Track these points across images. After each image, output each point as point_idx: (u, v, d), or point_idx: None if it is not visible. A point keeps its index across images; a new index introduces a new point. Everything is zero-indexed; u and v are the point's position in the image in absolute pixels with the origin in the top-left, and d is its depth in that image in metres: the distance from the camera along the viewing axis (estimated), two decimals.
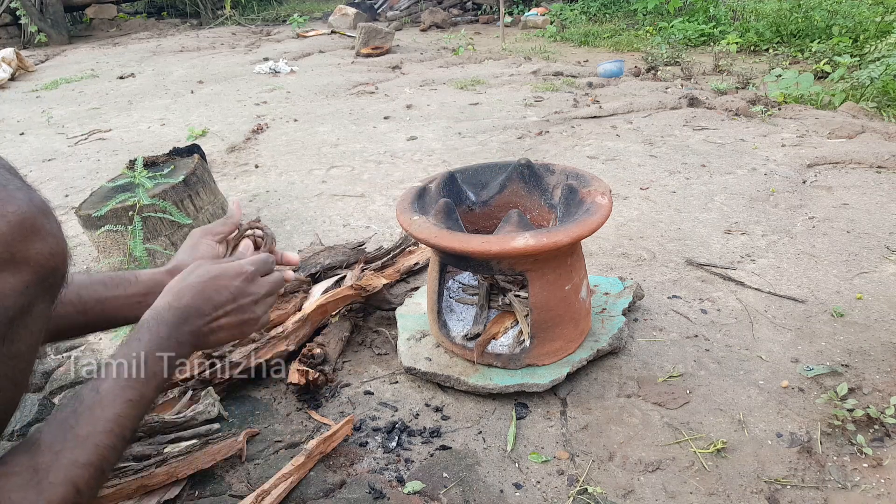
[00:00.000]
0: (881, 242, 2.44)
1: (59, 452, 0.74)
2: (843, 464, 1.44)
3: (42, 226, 0.67)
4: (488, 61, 6.67)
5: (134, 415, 0.82)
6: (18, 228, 0.64)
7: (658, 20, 8.10)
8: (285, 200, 3.20)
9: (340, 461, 1.48)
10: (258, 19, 11.19)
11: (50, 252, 0.68)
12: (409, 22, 9.96)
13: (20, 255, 0.65)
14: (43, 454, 0.73)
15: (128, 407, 0.81)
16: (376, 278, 2.03)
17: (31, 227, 0.66)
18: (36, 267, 0.66)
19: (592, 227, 1.56)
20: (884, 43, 4.97)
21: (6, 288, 0.64)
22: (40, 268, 0.67)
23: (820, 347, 1.84)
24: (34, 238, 0.66)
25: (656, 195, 3.00)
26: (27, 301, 0.66)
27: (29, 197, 0.67)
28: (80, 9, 10.94)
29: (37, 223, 0.66)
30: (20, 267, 0.65)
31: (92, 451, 0.76)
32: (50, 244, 0.68)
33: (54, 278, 0.70)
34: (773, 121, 4.07)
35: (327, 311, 1.94)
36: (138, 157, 2.44)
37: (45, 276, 0.68)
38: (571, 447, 1.53)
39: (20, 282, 0.65)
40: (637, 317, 2.03)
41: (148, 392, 0.85)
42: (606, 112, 4.40)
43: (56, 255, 0.69)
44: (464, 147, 3.86)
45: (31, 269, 0.66)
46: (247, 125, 4.60)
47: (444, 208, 1.69)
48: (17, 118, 5.30)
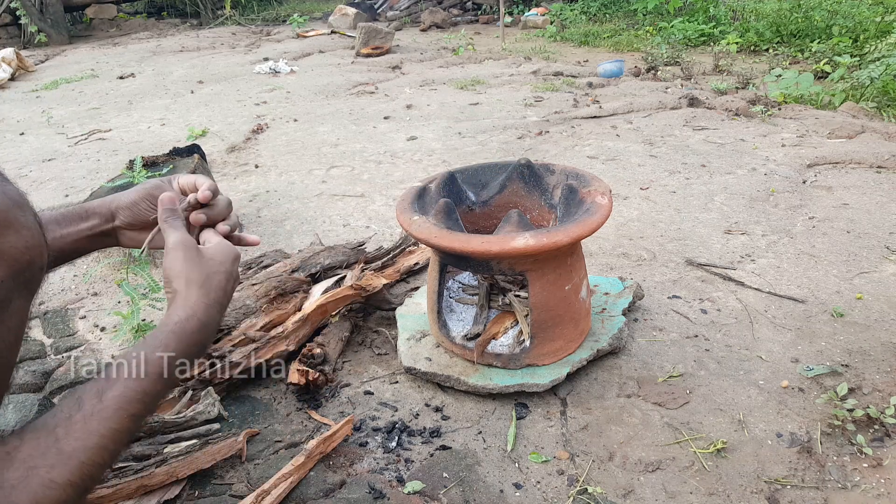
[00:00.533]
0: (881, 242, 2.44)
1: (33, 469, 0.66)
2: (843, 464, 1.44)
3: (16, 218, 0.65)
4: (488, 61, 6.67)
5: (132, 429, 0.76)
6: None
7: (658, 20, 8.10)
8: (285, 200, 3.20)
9: (340, 461, 1.48)
10: (258, 19, 11.19)
11: (25, 245, 0.65)
12: (409, 22, 9.96)
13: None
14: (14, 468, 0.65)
15: (129, 421, 0.74)
16: (376, 278, 2.03)
17: (4, 220, 0.63)
18: (10, 261, 0.64)
19: (592, 227, 1.56)
20: (884, 43, 4.97)
21: None
22: (15, 262, 0.64)
23: (820, 347, 1.84)
24: (7, 231, 0.63)
25: (656, 195, 3.00)
26: (3, 296, 0.64)
27: (2, 190, 0.65)
28: (80, 9, 10.93)
29: (10, 216, 0.64)
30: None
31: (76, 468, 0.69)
32: (25, 237, 0.65)
33: (31, 272, 0.67)
34: (773, 121, 4.07)
35: (327, 311, 1.94)
36: (137, 157, 2.44)
37: (21, 269, 0.65)
38: (571, 447, 1.53)
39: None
40: (637, 317, 2.03)
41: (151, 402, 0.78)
42: (606, 112, 4.40)
43: (32, 248, 0.66)
44: (464, 147, 3.86)
45: (5, 263, 0.63)
46: (247, 125, 4.60)
47: (444, 208, 1.69)
48: (17, 118, 5.30)
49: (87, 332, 2.14)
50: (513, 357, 1.69)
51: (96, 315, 2.25)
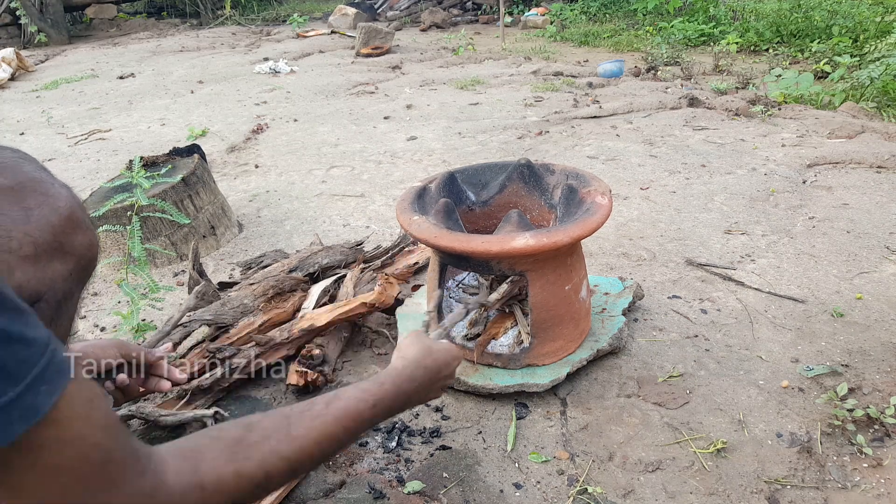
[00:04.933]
0: (881, 242, 2.44)
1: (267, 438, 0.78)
2: (843, 464, 1.44)
3: (83, 219, 0.73)
4: (488, 61, 6.67)
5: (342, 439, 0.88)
6: (67, 221, 0.70)
7: (658, 20, 8.10)
8: (285, 200, 3.20)
9: (340, 461, 1.48)
10: (258, 19, 11.18)
11: (89, 242, 0.73)
12: (409, 22, 9.96)
13: (68, 246, 0.70)
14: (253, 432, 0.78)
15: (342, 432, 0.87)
16: (391, 287, 1.97)
17: (77, 220, 0.72)
18: (78, 256, 0.71)
19: (592, 227, 1.56)
20: (884, 43, 4.97)
21: (57, 274, 0.69)
22: (81, 257, 0.72)
23: (820, 347, 1.84)
24: (78, 230, 0.71)
25: (656, 195, 3.00)
26: (70, 287, 0.71)
27: (70, 193, 0.73)
28: (80, 9, 10.93)
29: (79, 216, 0.72)
30: (68, 257, 0.70)
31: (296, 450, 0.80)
32: (89, 236, 0.73)
33: (91, 267, 0.75)
34: (773, 121, 4.07)
35: (336, 325, 1.91)
36: (136, 158, 2.43)
37: (85, 264, 0.73)
38: (571, 447, 1.53)
39: (67, 270, 0.70)
40: (637, 317, 2.03)
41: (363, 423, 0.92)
42: (606, 112, 4.40)
43: (93, 245, 0.74)
44: (464, 147, 3.86)
45: (74, 258, 0.71)
46: (247, 125, 4.60)
47: (445, 208, 1.69)
48: (17, 118, 5.30)
49: (86, 332, 2.14)
50: (513, 357, 1.68)
51: (96, 315, 2.25)
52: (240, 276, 2.26)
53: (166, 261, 2.58)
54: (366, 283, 2.11)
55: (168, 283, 2.41)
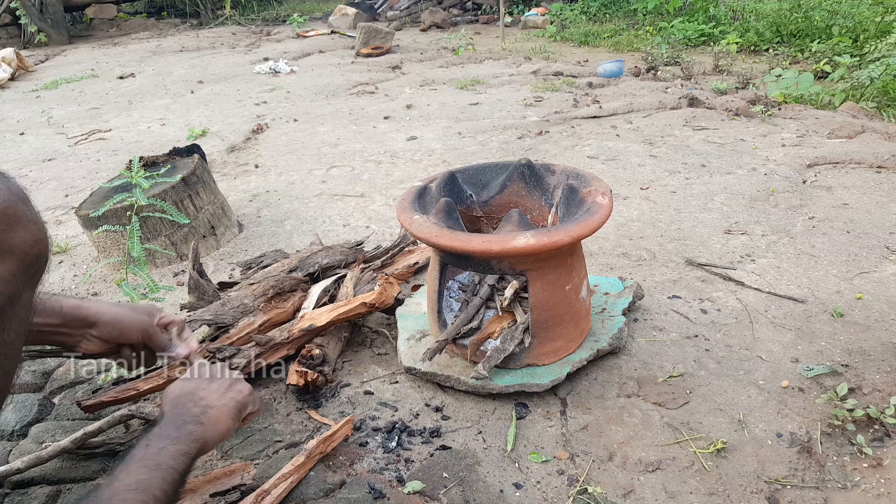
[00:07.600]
0: (881, 242, 2.44)
1: None
2: (843, 464, 1.44)
3: (23, 213, 0.66)
4: (488, 61, 6.67)
5: None
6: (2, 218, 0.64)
7: (658, 20, 8.10)
8: (285, 200, 3.20)
9: (340, 461, 1.48)
10: (258, 19, 11.19)
11: (33, 239, 0.67)
12: (409, 22, 9.96)
13: (5, 244, 0.64)
14: None
15: None
16: (391, 287, 1.97)
17: (14, 215, 0.65)
18: (21, 255, 0.66)
19: (593, 226, 1.56)
20: (884, 43, 4.97)
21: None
22: (25, 255, 0.66)
23: (820, 347, 1.84)
24: (17, 226, 0.65)
25: (656, 195, 3.00)
26: (15, 289, 0.66)
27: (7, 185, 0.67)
28: (80, 9, 10.94)
29: (18, 211, 0.66)
30: (6, 256, 0.64)
31: None
32: (32, 231, 0.67)
33: (38, 265, 0.69)
34: (773, 121, 4.07)
35: (336, 325, 1.91)
36: (135, 158, 2.44)
37: (31, 263, 0.67)
38: (571, 447, 1.53)
39: (7, 271, 0.64)
40: (637, 317, 2.03)
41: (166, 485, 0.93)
42: (606, 112, 4.40)
43: (39, 241, 0.68)
44: (464, 147, 3.86)
45: (16, 257, 0.65)
46: (247, 125, 4.60)
47: (445, 208, 1.69)
48: (17, 118, 5.30)
49: None
50: (513, 357, 1.68)
51: None
52: (240, 276, 2.26)
53: (166, 261, 2.58)
54: (366, 283, 2.11)
55: (168, 283, 2.41)
